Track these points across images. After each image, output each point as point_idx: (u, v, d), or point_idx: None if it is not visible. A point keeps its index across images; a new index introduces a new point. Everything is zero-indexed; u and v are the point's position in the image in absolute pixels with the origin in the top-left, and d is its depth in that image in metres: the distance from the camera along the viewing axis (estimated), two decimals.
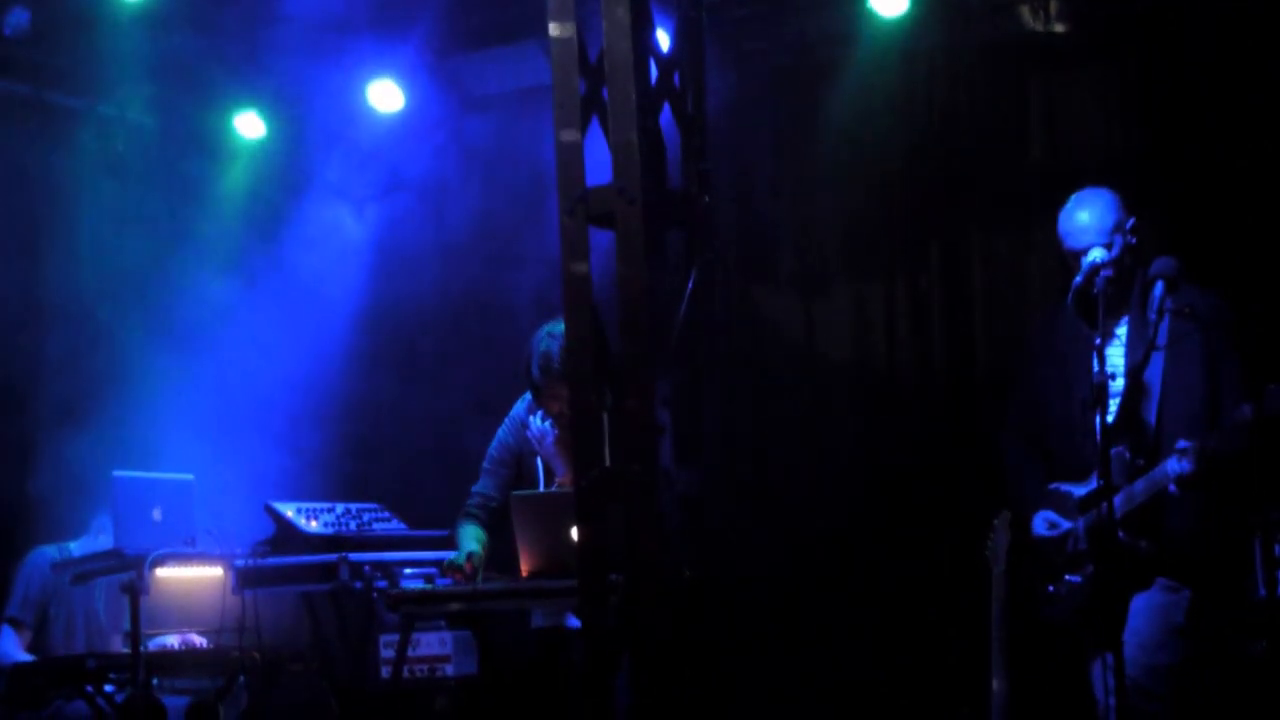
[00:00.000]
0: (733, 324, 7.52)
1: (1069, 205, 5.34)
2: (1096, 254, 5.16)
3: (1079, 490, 5.23)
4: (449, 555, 6.39)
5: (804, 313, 7.60)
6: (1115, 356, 5.22)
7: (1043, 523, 5.31)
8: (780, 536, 7.34)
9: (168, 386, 7.93)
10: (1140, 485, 5.03)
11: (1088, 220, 5.24)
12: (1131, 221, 5.26)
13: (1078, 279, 5.14)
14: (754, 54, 7.58)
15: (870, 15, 7.24)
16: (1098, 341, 4.95)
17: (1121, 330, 5.24)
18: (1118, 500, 5.02)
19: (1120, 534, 5.04)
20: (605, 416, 4.62)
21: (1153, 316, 5.14)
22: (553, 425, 5.99)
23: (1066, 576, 5.19)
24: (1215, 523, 5.09)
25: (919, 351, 7.35)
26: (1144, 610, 5.10)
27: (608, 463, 4.61)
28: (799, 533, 7.36)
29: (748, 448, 7.48)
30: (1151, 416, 5.10)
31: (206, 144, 8.46)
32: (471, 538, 6.08)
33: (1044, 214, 6.98)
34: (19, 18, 7.28)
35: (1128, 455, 5.08)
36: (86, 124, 8.03)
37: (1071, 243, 5.26)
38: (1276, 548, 5.40)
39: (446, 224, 8.31)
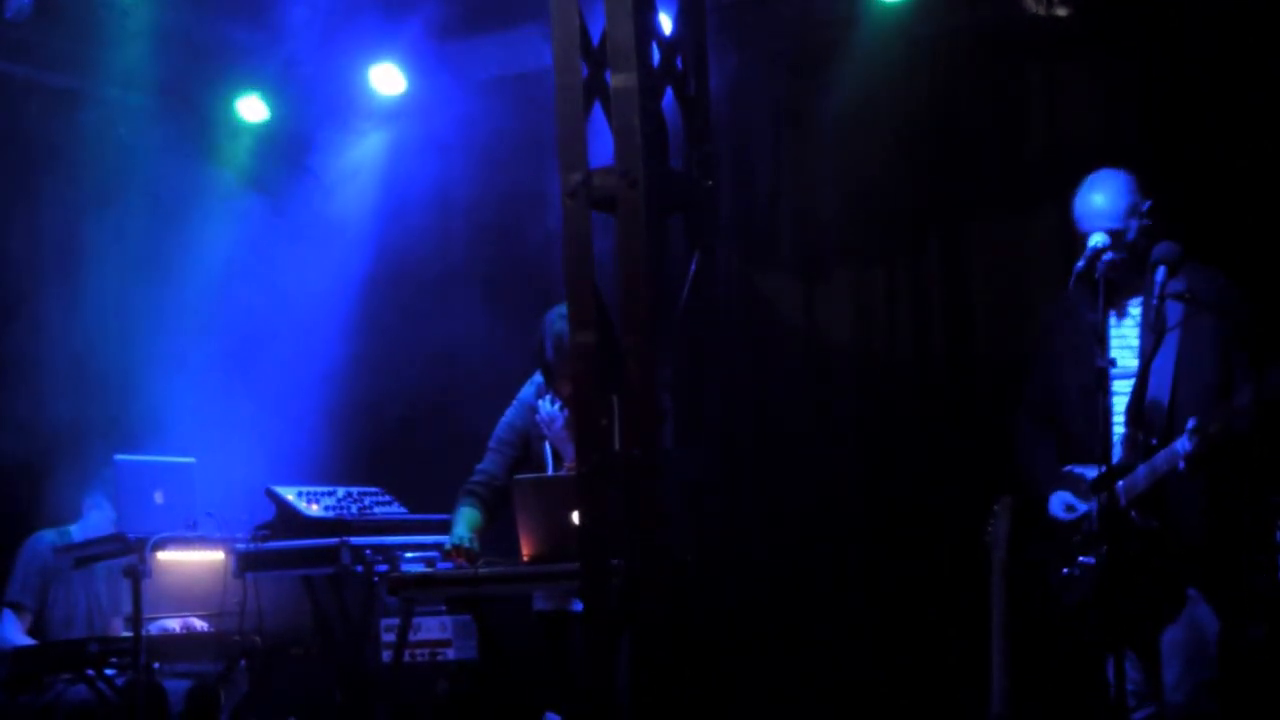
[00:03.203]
0: (733, 308, 7.51)
1: (1084, 187, 5.30)
2: (1098, 239, 5.14)
3: (1092, 472, 5.21)
4: (449, 539, 6.40)
5: (804, 297, 7.59)
6: (1130, 338, 5.21)
7: (1060, 505, 5.30)
8: (779, 520, 7.35)
9: (170, 369, 7.94)
10: (1151, 465, 5.03)
11: (1102, 203, 5.21)
12: (1147, 204, 5.24)
13: (1079, 263, 5.13)
14: (756, 38, 7.56)
15: (871, 0, 7.25)
16: (1099, 325, 4.96)
17: (1136, 312, 5.23)
18: (1131, 479, 5.02)
19: (1134, 514, 5.04)
20: (616, 400, 4.61)
21: (1155, 302, 5.14)
22: (562, 408, 5.95)
23: (1081, 559, 5.18)
24: (1221, 504, 5.08)
25: (918, 337, 7.35)
26: (1178, 640, 5.10)
27: (618, 446, 4.60)
28: (798, 516, 7.36)
29: (748, 431, 7.48)
30: (1165, 398, 5.09)
31: (209, 125, 8.45)
32: (464, 522, 6.05)
33: (1044, 200, 7.00)
34: (22, 0, 7.27)
35: (1142, 437, 5.07)
36: (88, 106, 8.03)
37: (1085, 225, 5.22)
38: (1276, 534, 5.42)
39: (449, 209, 8.30)
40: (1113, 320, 5.18)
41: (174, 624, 6.84)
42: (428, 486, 7.58)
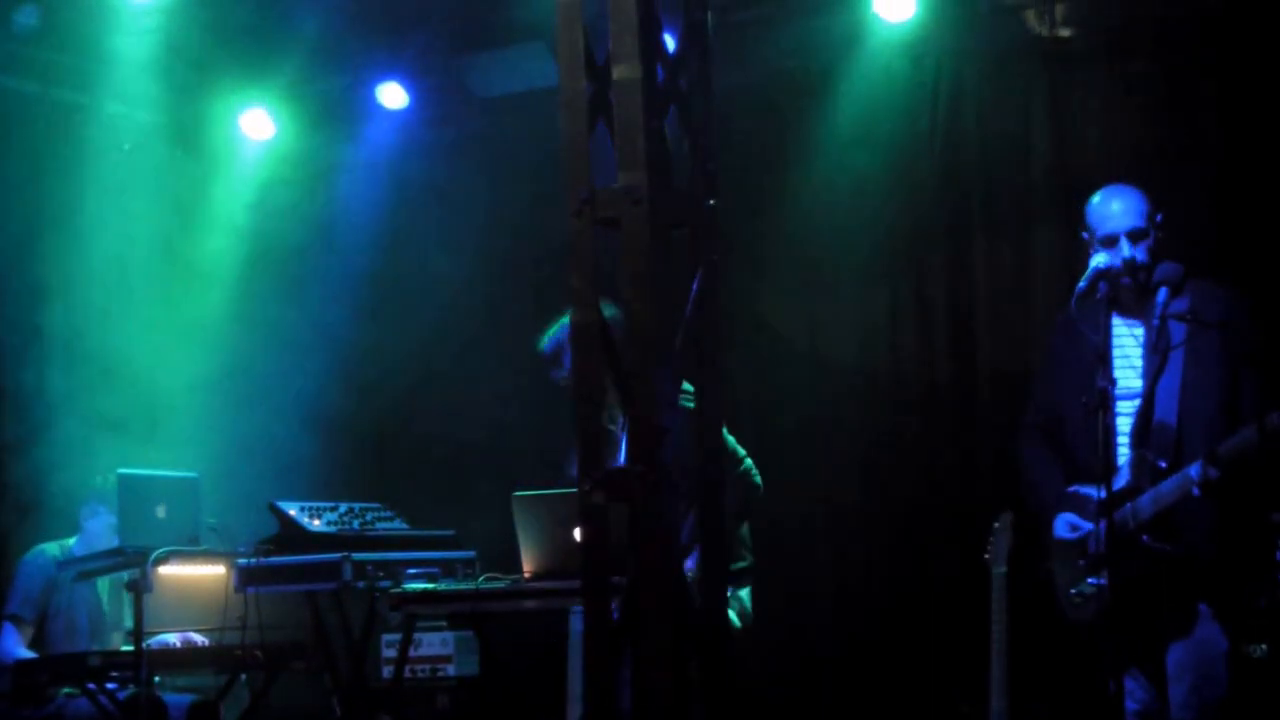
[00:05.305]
0: (737, 326, 7.53)
1: (1099, 199, 5.24)
2: (1100, 259, 5.14)
3: (1097, 493, 5.19)
4: (451, 555, 6.40)
5: (807, 314, 7.61)
6: (1134, 359, 5.21)
7: (1064, 525, 5.28)
8: (781, 536, 7.36)
9: (174, 384, 7.95)
10: (1157, 492, 5.02)
11: (1122, 207, 5.15)
12: (1160, 216, 5.24)
13: (1081, 284, 5.11)
14: (760, 57, 7.59)
15: (876, 20, 7.27)
16: (1101, 345, 4.96)
17: (1138, 333, 5.23)
18: (1141, 502, 5.02)
19: (1145, 538, 5.03)
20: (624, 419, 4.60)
21: (1156, 323, 5.15)
22: (622, 427, 5.84)
23: (1089, 579, 5.17)
24: (1227, 523, 5.08)
25: (923, 354, 7.37)
26: (1186, 658, 5.09)
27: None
28: (800, 533, 7.37)
29: (751, 450, 7.49)
30: (1172, 420, 5.08)
31: (215, 141, 8.48)
32: None
33: (1048, 218, 7.02)
34: (28, 16, 7.31)
35: (1150, 457, 5.07)
36: (94, 121, 8.05)
37: (1109, 228, 5.15)
38: (1277, 552, 5.42)
39: (452, 227, 8.31)
40: (1115, 340, 5.18)
41: (173, 638, 6.83)
42: (430, 503, 7.60)
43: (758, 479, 6.07)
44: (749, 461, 6.11)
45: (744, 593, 6.08)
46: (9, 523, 7.50)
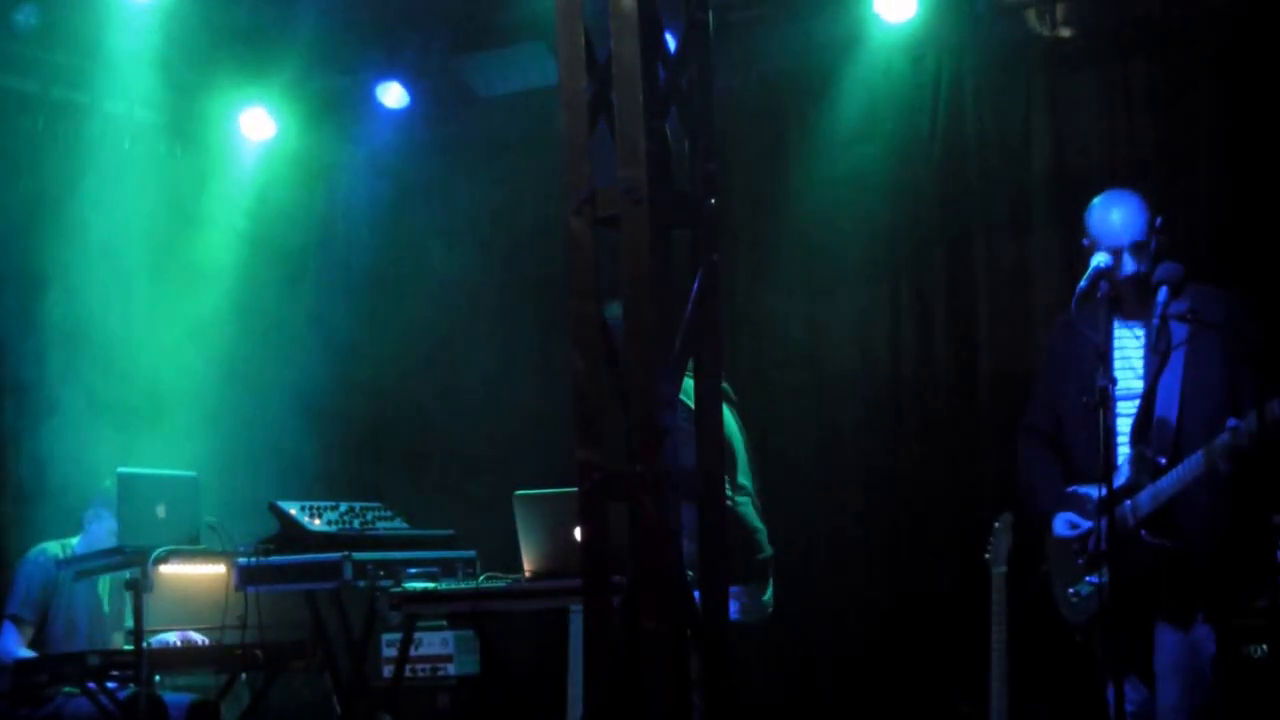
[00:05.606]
0: (737, 326, 7.53)
1: (1098, 206, 5.24)
2: (1101, 258, 5.15)
3: (1096, 492, 5.18)
4: (451, 555, 6.41)
5: (808, 315, 7.61)
6: (1134, 359, 5.21)
7: (1064, 524, 5.28)
8: (780, 535, 7.35)
9: (175, 381, 7.95)
10: (1156, 488, 5.02)
11: (1122, 218, 5.15)
12: (1159, 220, 5.24)
13: (1082, 283, 5.12)
14: (760, 57, 7.59)
15: (876, 20, 7.27)
16: (1102, 345, 4.97)
17: (1140, 333, 5.24)
18: (1141, 498, 5.02)
19: (1144, 534, 5.03)
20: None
21: (1156, 322, 5.15)
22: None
23: (1088, 578, 5.17)
24: (1225, 524, 5.08)
25: (923, 354, 7.37)
26: (1178, 660, 5.09)
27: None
28: (799, 532, 7.37)
29: (751, 449, 7.50)
30: (1172, 417, 5.08)
31: (215, 140, 8.48)
32: None
33: (1049, 218, 7.03)
34: (28, 15, 7.31)
35: (1149, 454, 5.07)
36: (94, 120, 8.06)
37: (1110, 241, 5.15)
38: (1277, 553, 5.43)
39: (452, 227, 8.32)
40: (1116, 341, 5.19)
41: (173, 638, 6.83)
42: (430, 503, 7.60)
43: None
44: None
45: (768, 595, 6.01)
46: (9, 516, 7.49)
